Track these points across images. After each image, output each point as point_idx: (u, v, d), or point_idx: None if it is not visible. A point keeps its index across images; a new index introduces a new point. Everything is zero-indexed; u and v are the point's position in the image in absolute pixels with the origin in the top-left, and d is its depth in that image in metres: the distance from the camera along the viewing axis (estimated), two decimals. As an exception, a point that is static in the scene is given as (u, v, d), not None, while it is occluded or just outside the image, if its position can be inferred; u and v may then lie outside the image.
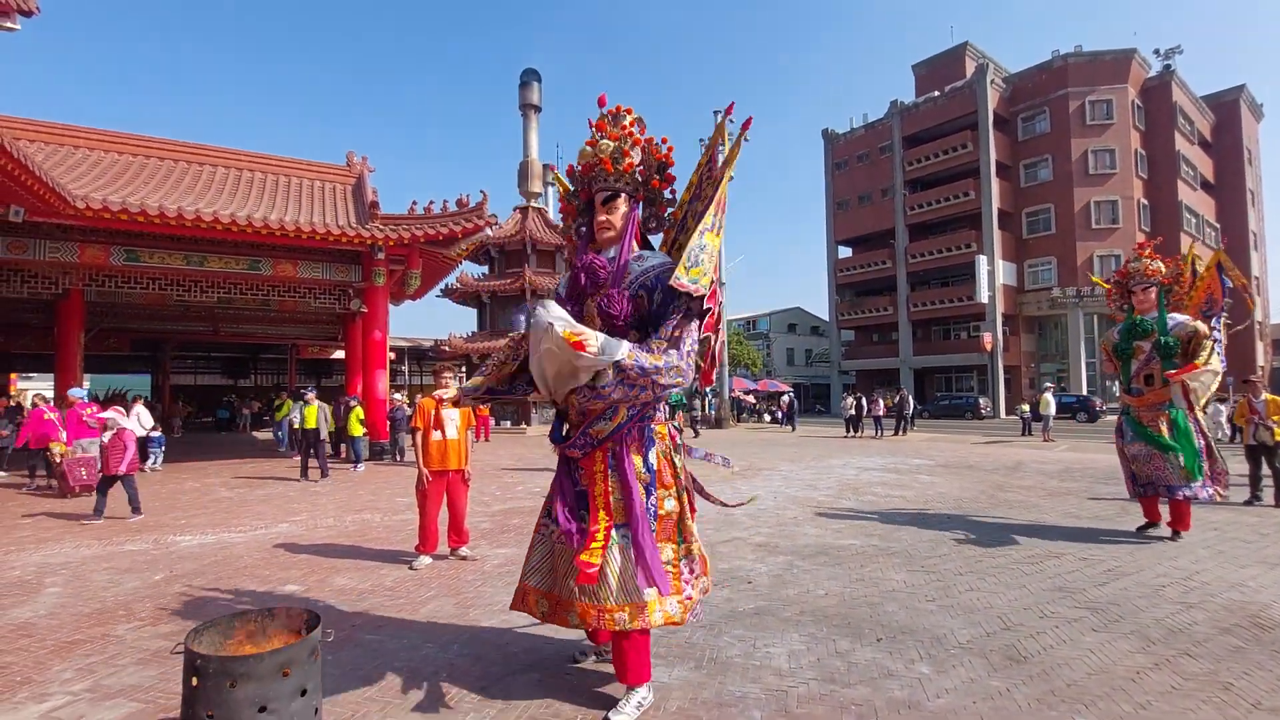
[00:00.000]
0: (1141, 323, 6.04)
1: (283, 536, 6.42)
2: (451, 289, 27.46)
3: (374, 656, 3.37)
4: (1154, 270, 6.08)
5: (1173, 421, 5.76)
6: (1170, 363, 5.76)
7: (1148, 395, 5.97)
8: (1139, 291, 6.10)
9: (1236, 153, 43.89)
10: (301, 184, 15.69)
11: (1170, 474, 5.72)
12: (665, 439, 2.93)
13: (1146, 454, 5.91)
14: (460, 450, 5.46)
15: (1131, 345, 6.10)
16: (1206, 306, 6.24)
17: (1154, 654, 3.29)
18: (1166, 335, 5.81)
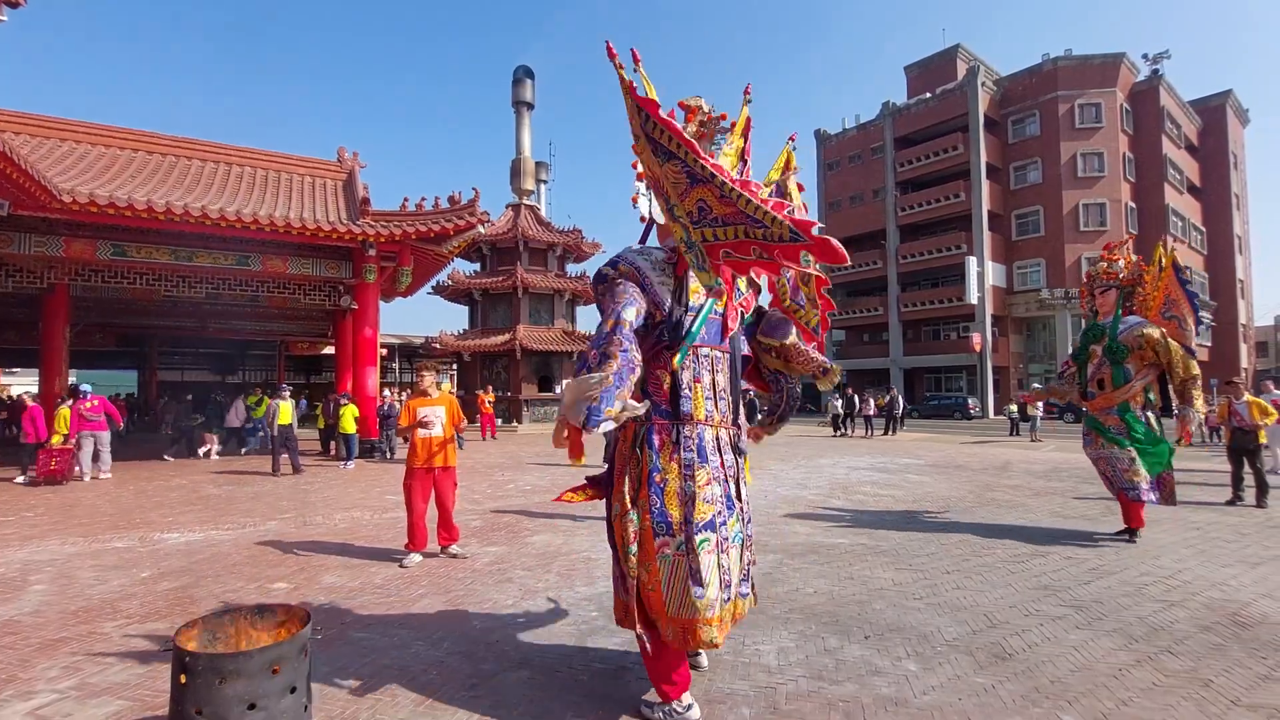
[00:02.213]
0: (1095, 326, 6.10)
1: (272, 534, 6.38)
2: (443, 286, 27.37)
3: (364, 654, 3.36)
4: (1111, 273, 6.08)
5: (1125, 423, 5.77)
6: (1118, 368, 5.80)
7: (1098, 399, 5.98)
8: (1098, 294, 6.14)
9: (1222, 157, 44.42)
10: (292, 179, 15.58)
11: (1118, 476, 5.74)
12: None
13: (1096, 455, 5.97)
14: (447, 448, 5.47)
15: (1088, 349, 6.12)
16: (1166, 308, 6.15)
17: (1136, 651, 3.34)
18: (1115, 340, 5.83)
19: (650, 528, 2.59)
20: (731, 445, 2.83)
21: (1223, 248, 44.08)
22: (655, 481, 2.63)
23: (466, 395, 27.24)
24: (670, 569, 2.56)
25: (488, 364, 27.54)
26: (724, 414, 2.81)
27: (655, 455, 2.66)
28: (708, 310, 2.77)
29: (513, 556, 5.40)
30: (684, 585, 2.53)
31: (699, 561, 2.54)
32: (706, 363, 2.78)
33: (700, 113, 2.93)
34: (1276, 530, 6.29)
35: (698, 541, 2.56)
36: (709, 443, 2.71)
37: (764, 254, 2.22)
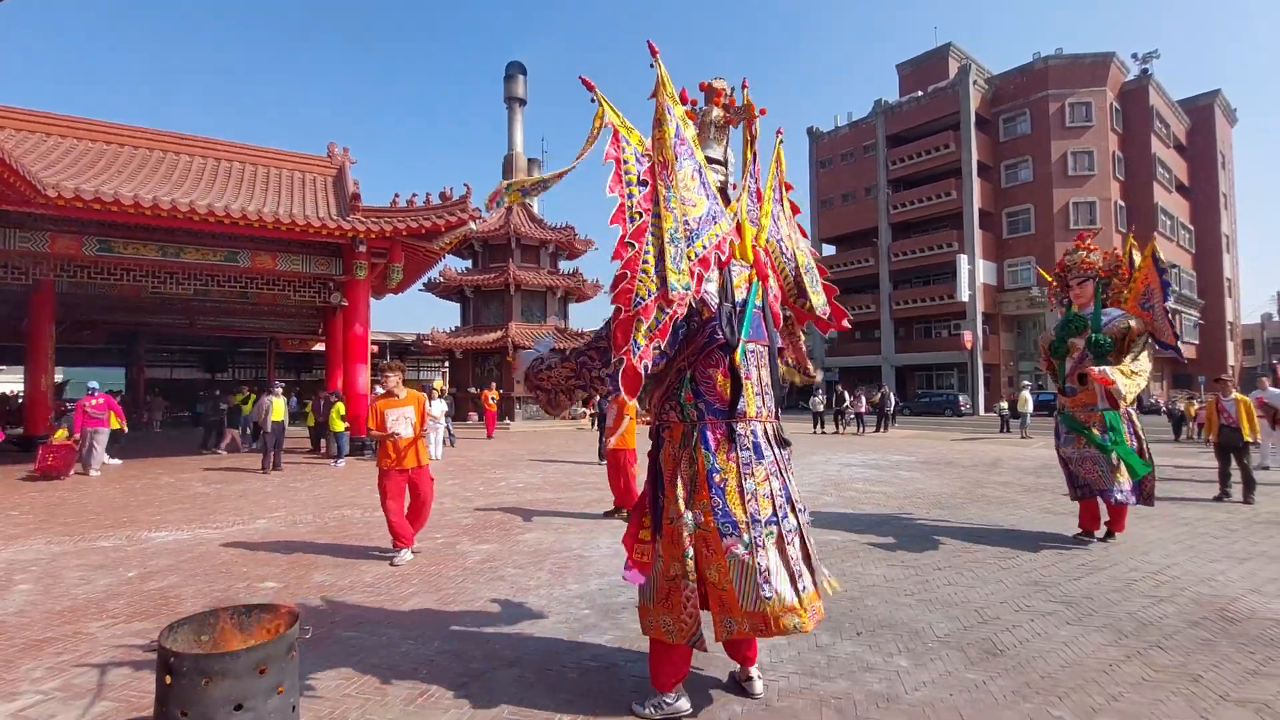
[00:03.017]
0: (1076, 319, 5.80)
1: (260, 533, 6.33)
2: (434, 283, 27.24)
3: (353, 653, 3.33)
4: (1089, 263, 5.83)
5: (1105, 422, 5.55)
6: (1103, 361, 5.52)
7: (1080, 395, 5.73)
8: (1075, 285, 5.85)
9: (1210, 156, 44.83)
10: (281, 175, 15.44)
11: (1101, 476, 5.51)
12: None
13: (1079, 455, 5.70)
14: (418, 448, 5.45)
15: (1066, 342, 5.84)
16: (1145, 298, 5.85)
17: (1126, 646, 3.36)
18: (1099, 333, 5.58)
19: (716, 529, 2.54)
20: (777, 438, 2.82)
21: (1210, 247, 44.50)
22: (715, 482, 2.58)
23: (460, 393, 27.19)
24: (740, 568, 2.51)
25: (480, 361, 27.46)
26: (770, 408, 2.81)
27: (712, 455, 2.61)
28: (752, 304, 2.76)
29: (504, 554, 5.38)
30: (754, 582, 2.50)
31: (768, 558, 2.52)
32: (753, 358, 2.75)
33: (724, 96, 2.89)
34: (1263, 526, 6.34)
35: (764, 536, 2.55)
36: (762, 438, 2.70)
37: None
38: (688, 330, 2.68)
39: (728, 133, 3.01)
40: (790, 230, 3.22)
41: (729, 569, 2.52)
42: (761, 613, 2.49)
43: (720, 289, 2.71)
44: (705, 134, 2.94)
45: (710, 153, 2.93)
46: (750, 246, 2.88)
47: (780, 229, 3.16)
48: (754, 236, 2.92)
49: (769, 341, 2.87)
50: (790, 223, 3.26)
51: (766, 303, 2.90)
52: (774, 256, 3.07)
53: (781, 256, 3.11)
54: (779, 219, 3.17)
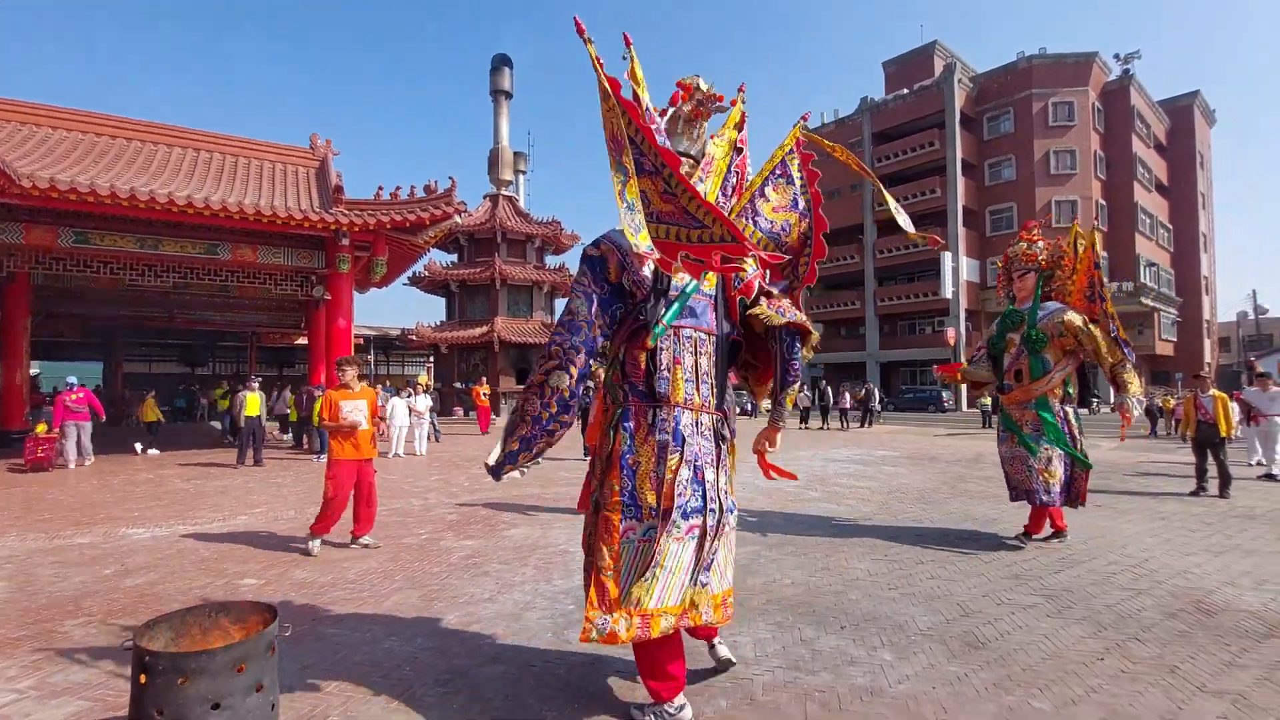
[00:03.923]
0: (1014, 313, 5.59)
1: (241, 529, 6.25)
2: (419, 277, 27.03)
3: (335, 650, 3.30)
4: (1031, 255, 5.60)
5: (1039, 420, 5.38)
6: (1037, 358, 5.38)
7: (1015, 392, 5.53)
8: (1017, 278, 5.64)
9: (1189, 157, 45.53)
10: (262, 166, 15.20)
11: (1028, 477, 5.34)
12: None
13: (1011, 455, 5.53)
14: (371, 440, 5.58)
15: (1005, 337, 5.63)
16: (1090, 291, 5.61)
17: (1105, 639, 3.40)
18: (1034, 328, 5.38)
19: (618, 508, 2.52)
20: (714, 431, 2.73)
21: (1189, 246, 45.25)
22: (627, 464, 2.56)
23: (445, 388, 27.03)
24: (633, 555, 2.48)
25: (465, 356, 27.31)
26: (705, 398, 2.71)
27: (629, 437, 2.59)
28: (691, 291, 2.70)
29: (489, 550, 5.35)
30: (639, 574, 2.45)
31: (665, 548, 2.47)
32: (689, 344, 2.69)
33: (697, 91, 2.85)
34: (1238, 520, 6.47)
35: (672, 525, 2.49)
36: (686, 426, 2.62)
37: (692, 257, 2.18)
38: (624, 311, 2.68)
39: (699, 127, 2.96)
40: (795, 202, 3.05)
41: (620, 554, 2.48)
42: (645, 613, 2.43)
43: (654, 272, 2.65)
44: (674, 128, 2.92)
45: (679, 147, 2.90)
46: None
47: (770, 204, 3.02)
48: None
49: (714, 331, 2.79)
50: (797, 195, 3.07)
51: (725, 295, 2.84)
52: (754, 237, 2.96)
53: (765, 235, 3.01)
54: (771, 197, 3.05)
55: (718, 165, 2.96)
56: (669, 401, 2.63)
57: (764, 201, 3.01)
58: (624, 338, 2.71)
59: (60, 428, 10.87)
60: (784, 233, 3.01)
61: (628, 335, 2.69)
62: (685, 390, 2.65)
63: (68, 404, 10.99)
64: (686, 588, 2.51)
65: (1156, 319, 40.13)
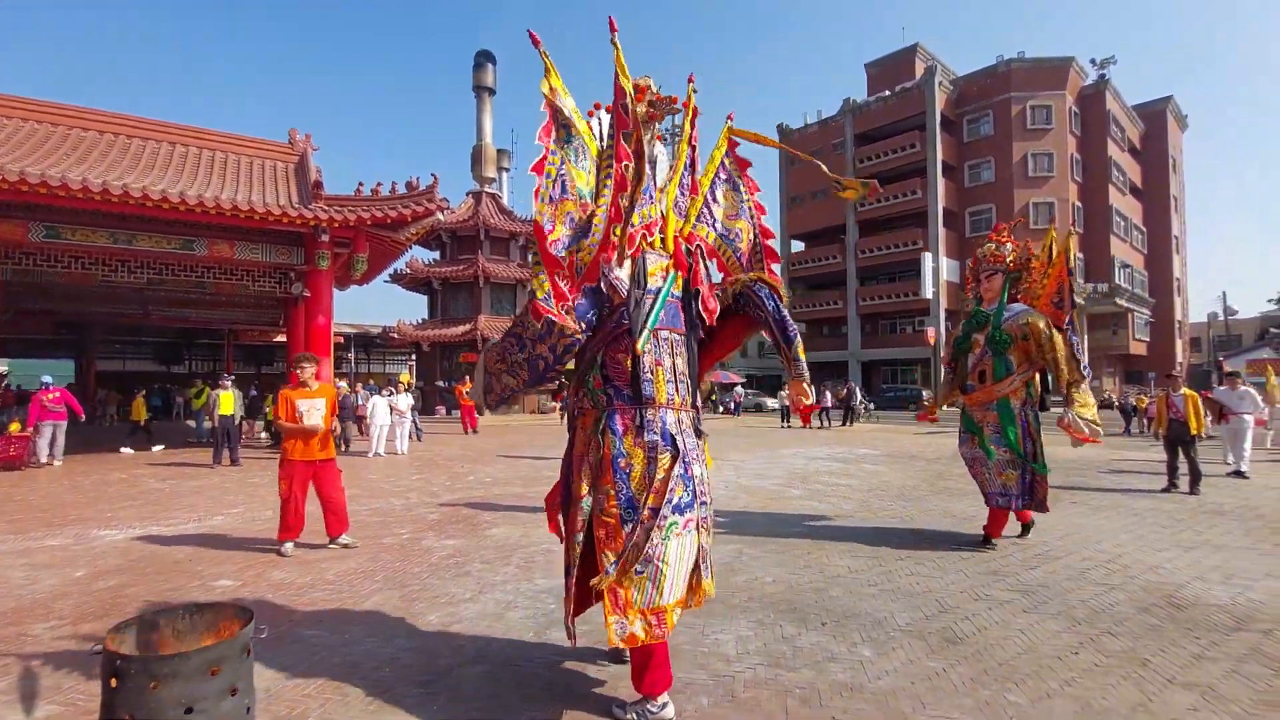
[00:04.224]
0: (979, 313, 5.56)
1: (217, 529, 6.15)
2: (401, 274, 26.77)
3: (313, 652, 3.25)
4: (999, 256, 5.57)
5: (999, 421, 5.31)
6: (1000, 359, 5.34)
7: (978, 394, 5.47)
8: (984, 279, 5.63)
9: (1163, 160, 46.48)
10: (240, 161, 14.94)
11: (987, 479, 5.34)
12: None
13: (971, 457, 5.52)
14: (328, 439, 5.47)
15: (970, 338, 5.59)
16: (1058, 297, 5.57)
17: (1079, 633, 3.46)
18: (998, 329, 5.35)
19: (618, 515, 2.55)
20: (692, 428, 2.82)
21: (1161, 248, 46.20)
22: (620, 467, 2.59)
23: (426, 386, 26.80)
24: (636, 555, 2.50)
25: (448, 354, 27.10)
26: (684, 397, 2.80)
27: (619, 440, 2.62)
28: (666, 293, 2.77)
29: (470, 549, 5.31)
30: (653, 572, 2.51)
31: (667, 546, 2.53)
32: (666, 346, 2.76)
33: (649, 93, 2.93)
34: (1207, 516, 6.61)
35: (666, 525, 2.54)
36: (672, 425, 2.69)
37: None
38: (599, 316, 2.72)
39: (654, 129, 3.02)
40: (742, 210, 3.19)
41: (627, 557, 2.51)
42: (659, 610, 2.51)
43: (632, 276, 2.74)
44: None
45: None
46: (672, 237, 2.92)
47: (723, 210, 3.17)
48: (677, 228, 2.97)
49: (685, 332, 2.88)
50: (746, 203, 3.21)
51: (694, 293, 2.91)
52: (711, 242, 3.12)
53: (722, 240, 3.15)
54: (722, 202, 3.18)
55: (677, 165, 3.03)
56: (655, 403, 2.67)
57: (717, 206, 3.16)
58: (603, 341, 2.73)
59: (35, 427, 10.83)
60: (736, 239, 3.15)
61: (608, 339, 2.72)
62: (667, 391, 2.72)
63: (45, 403, 10.96)
64: (687, 580, 2.63)
65: (1130, 319, 40.93)
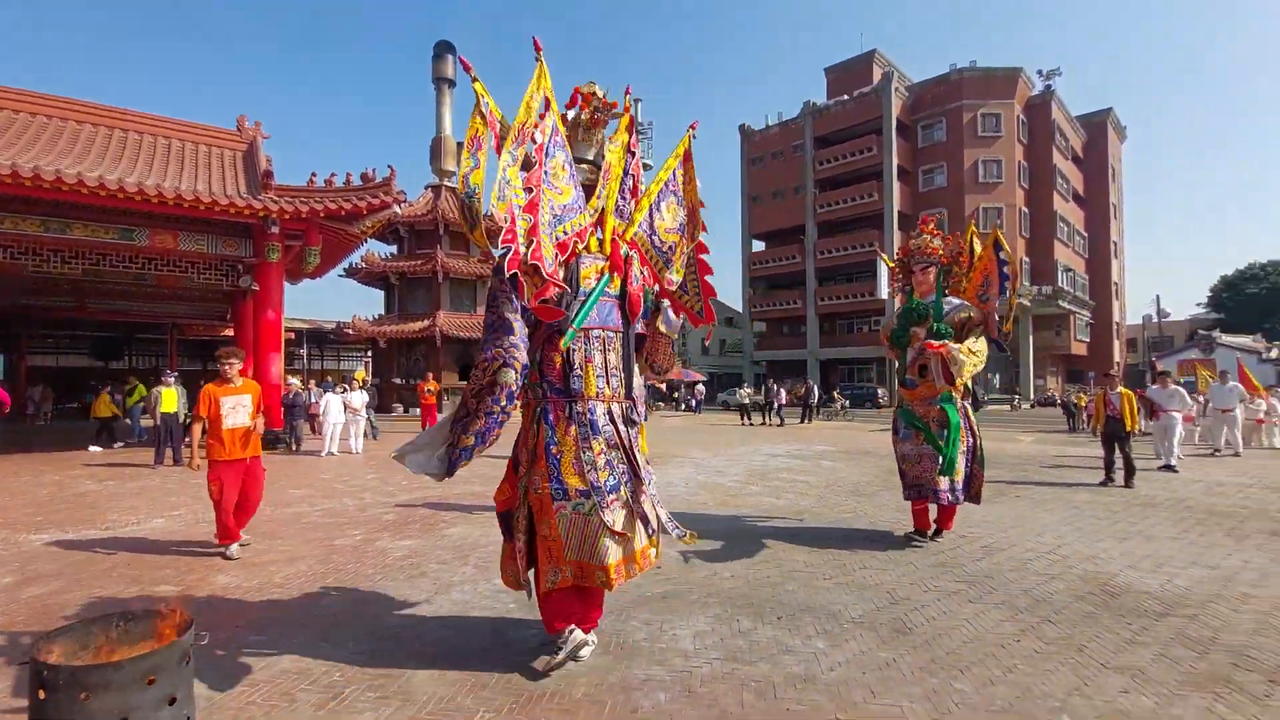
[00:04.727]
0: (918, 306, 5.51)
1: (158, 532, 5.90)
2: (356, 268, 26.11)
3: (259, 658, 3.15)
4: (933, 249, 5.54)
5: (944, 416, 5.25)
6: None
7: (920, 388, 5.40)
8: (918, 272, 5.56)
9: (1103, 169, 48.66)
10: (184, 148, 14.33)
11: (935, 477, 5.21)
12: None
13: (916, 453, 5.38)
14: (253, 437, 5.32)
15: (908, 332, 5.55)
16: (983, 290, 5.61)
17: (1021, 621, 3.60)
18: (940, 321, 5.30)
19: (549, 493, 2.88)
20: (624, 417, 3.10)
21: (1102, 253, 48.38)
22: (552, 453, 2.92)
23: (382, 383, 26.21)
24: (568, 525, 2.88)
25: (405, 351, 26.56)
26: (615, 389, 3.09)
27: (551, 430, 2.95)
28: (596, 295, 3.01)
29: (427, 550, 5.22)
30: (580, 537, 2.87)
31: (597, 519, 2.86)
32: (598, 343, 3.04)
33: (594, 99, 3.14)
34: (1140, 508, 6.96)
35: (591, 504, 2.86)
36: (600, 416, 3.00)
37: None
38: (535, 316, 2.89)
39: (598, 135, 3.23)
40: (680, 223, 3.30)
41: (558, 524, 2.88)
42: (585, 562, 2.89)
43: (565, 278, 2.91)
44: (575, 135, 3.18)
45: (581, 153, 3.16)
46: (609, 240, 3.11)
47: (664, 224, 3.27)
48: (617, 230, 3.14)
49: (620, 329, 3.13)
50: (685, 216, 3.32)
51: (627, 293, 3.12)
52: (645, 249, 3.24)
53: (655, 252, 3.26)
54: (665, 214, 3.28)
55: (614, 171, 3.19)
56: (584, 396, 2.99)
57: (660, 219, 3.27)
58: (540, 340, 3.03)
59: None
60: (670, 252, 3.28)
61: (544, 338, 3.02)
62: (597, 385, 3.02)
63: None
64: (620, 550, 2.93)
65: (1072, 321, 42.77)
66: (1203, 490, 8.11)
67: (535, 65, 2.76)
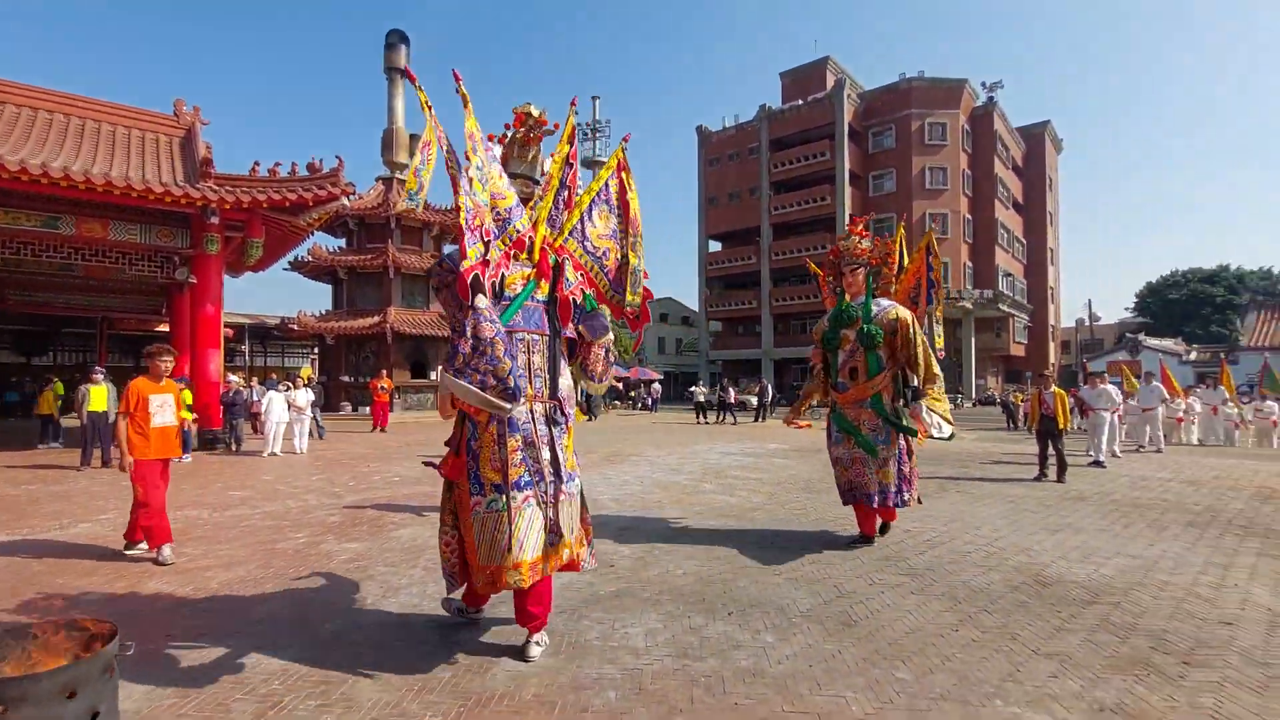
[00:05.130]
0: (848, 308, 5.40)
1: (84, 538, 5.59)
2: (302, 262, 25.28)
3: (193, 668, 3.01)
4: (862, 250, 5.47)
5: (878, 418, 5.19)
6: (873, 355, 5.20)
7: (851, 391, 5.33)
8: (848, 274, 5.45)
9: (1041, 179, 50.93)
10: (116, 132, 13.60)
11: (869, 480, 5.17)
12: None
13: (848, 457, 5.31)
14: (177, 437, 5.28)
15: (839, 334, 5.46)
16: (914, 292, 5.61)
17: (960, 612, 3.75)
18: (869, 323, 5.21)
19: (468, 488, 3.05)
20: (548, 417, 3.21)
21: (1039, 259, 50.64)
22: (472, 449, 3.08)
23: (329, 381, 25.42)
24: (481, 524, 3.01)
25: (354, 348, 25.84)
26: (539, 389, 3.20)
27: (473, 426, 3.10)
28: (521, 299, 3.16)
29: (374, 552, 5.09)
30: (492, 538, 2.98)
31: (507, 517, 2.97)
32: (522, 345, 3.17)
33: (529, 118, 3.34)
34: (1071, 502, 7.32)
35: (505, 500, 2.98)
36: (522, 415, 3.10)
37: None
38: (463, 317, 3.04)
39: (533, 150, 3.44)
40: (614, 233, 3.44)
41: (473, 525, 3.04)
42: (496, 568, 3.00)
43: (492, 285, 3.03)
44: (510, 152, 3.41)
45: (514, 169, 3.37)
46: (539, 249, 3.22)
47: (596, 230, 3.40)
48: (547, 239, 3.26)
49: (547, 332, 3.27)
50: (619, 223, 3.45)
51: (557, 298, 3.26)
52: (579, 256, 3.35)
53: (589, 257, 3.37)
54: (597, 222, 3.40)
55: (553, 181, 3.36)
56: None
57: (591, 226, 3.40)
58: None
59: None
60: (604, 257, 3.41)
61: None
62: (521, 384, 3.05)
63: None
64: (534, 547, 3.03)
65: (1011, 324, 44.64)
66: (1128, 484, 8.58)
67: (459, 97, 2.88)
